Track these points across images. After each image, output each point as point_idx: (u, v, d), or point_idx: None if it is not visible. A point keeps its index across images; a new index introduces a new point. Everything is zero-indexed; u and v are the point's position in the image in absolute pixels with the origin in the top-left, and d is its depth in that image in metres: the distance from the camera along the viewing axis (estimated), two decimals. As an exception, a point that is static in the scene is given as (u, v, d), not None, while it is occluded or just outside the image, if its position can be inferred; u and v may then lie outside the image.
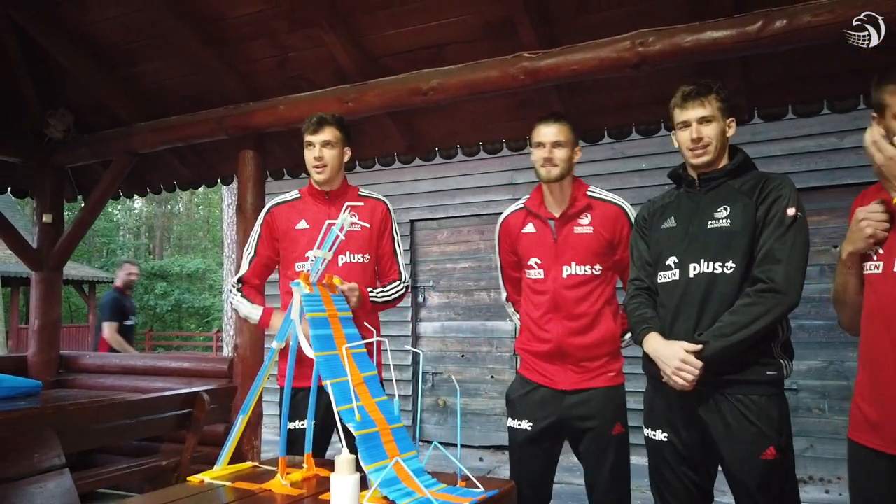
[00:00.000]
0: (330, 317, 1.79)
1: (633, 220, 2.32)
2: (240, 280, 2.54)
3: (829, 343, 5.40)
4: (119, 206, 29.14)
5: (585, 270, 2.28)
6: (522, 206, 2.46)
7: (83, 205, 4.97)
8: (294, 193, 2.51)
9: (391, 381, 1.74)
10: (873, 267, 1.63)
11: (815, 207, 5.04)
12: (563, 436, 2.33)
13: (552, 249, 2.32)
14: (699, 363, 1.84)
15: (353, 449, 1.54)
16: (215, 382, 4.05)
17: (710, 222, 1.96)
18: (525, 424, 2.33)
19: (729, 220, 1.93)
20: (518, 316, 2.52)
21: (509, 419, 2.40)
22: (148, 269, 24.08)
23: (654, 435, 2.03)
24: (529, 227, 2.40)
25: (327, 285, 1.87)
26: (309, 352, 1.71)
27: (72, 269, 17.55)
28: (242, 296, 2.49)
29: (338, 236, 1.78)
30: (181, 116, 4.17)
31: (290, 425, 2.00)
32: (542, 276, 2.33)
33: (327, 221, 1.83)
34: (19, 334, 15.62)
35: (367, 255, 2.42)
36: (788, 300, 1.82)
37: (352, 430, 1.60)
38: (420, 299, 7.41)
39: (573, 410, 2.27)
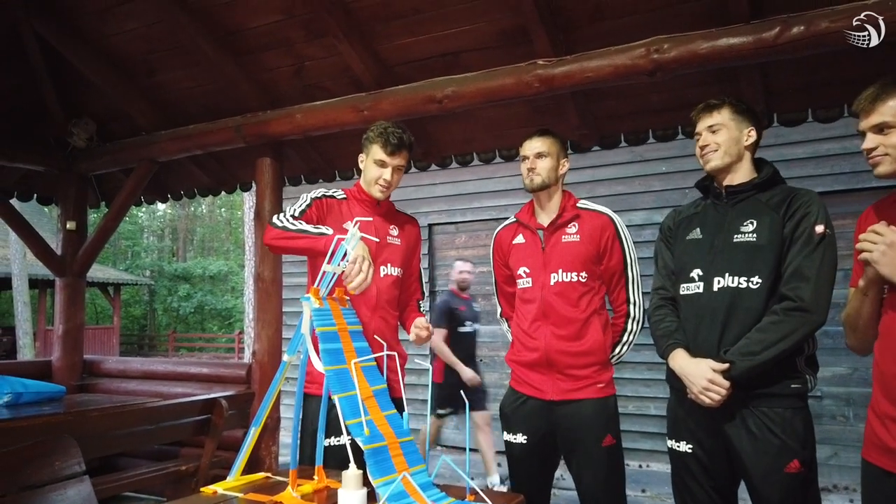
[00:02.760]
0: (340, 331, 1.80)
1: (619, 229, 2.36)
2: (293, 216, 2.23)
3: (854, 349, 5.30)
4: (143, 209, 29.60)
5: (572, 277, 2.30)
6: (514, 219, 2.51)
7: (106, 211, 5.05)
8: (340, 192, 2.41)
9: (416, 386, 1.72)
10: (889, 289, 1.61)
11: (838, 211, 4.94)
12: (557, 445, 2.33)
13: (540, 258, 2.35)
14: (727, 383, 1.82)
15: (360, 463, 1.55)
16: (234, 388, 4.10)
17: (735, 236, 1.94)
18: (521, 438, 2.35)
19: (755, 235, 1.91)
20: (512, 333, 2.54)
21: (505, 433, 2.41)
22: (171, 272, 24.41)
23: (679, 446, 2.02)
24: (519, 238, 2.45)
25: (337, 299, 1.89)
26: (319, 366, 1.72)
27: (97, 272, 17.87)
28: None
29: (346, 252, 1.80)
30: (200, 125, 4.23)
31: (327, 442, 1.98)
32: (530, 285, 2.36)
33: (336, 237, 1.84)
34: (46, 336, 15.91)
35: (401, 270, 2.43)
36: (816, 319, 1.80)
37: (360, 444, 1.61)
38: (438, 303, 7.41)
39: (562, 422, 2.27)
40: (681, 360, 1.94)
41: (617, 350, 2.35)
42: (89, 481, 2.79)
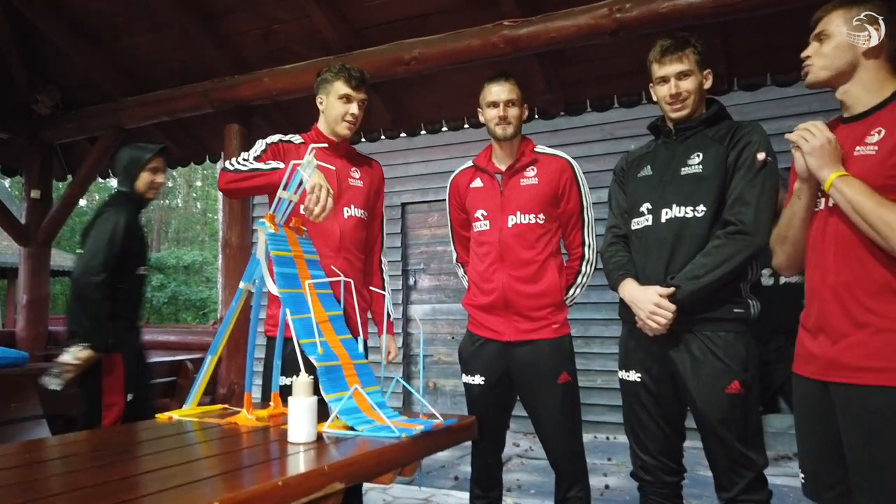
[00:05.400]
0: (295, 257, 1.82)
1: (577, 173, 2.39)
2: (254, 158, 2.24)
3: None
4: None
5: (530, 219, 2.32)
6: (471, 164, 2.51)
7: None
8: (297, 137, 2.39)
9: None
10: (817, 205, 1.66)
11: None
12: (514, 385, 2.37)
13: (498, 200, 2.37)
14: (672, 306, 1.87)
15: (311, 371, 1.56)
16: (201, 354, 4.07)
17: (683, 169, 2.00)
18: (478, 379, 2.38)
19: (701, 166, 1.96)
20: (468, 278, 2.56)
21: (463, 375, 2.45)
22: (145, 262, 24.06)
23: (629, 376, 2.06)
24: (477, 182, 2.46)
25: (294, 228, 1.90)
26: (273, 289, 1.73)
27: (68, 261, 17.51)
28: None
29: (302, 179, 1.80)
30: (167, 91, 4.19)
31: (287, 381, 1.94)
32: (487, 228, 2.38)
33: (292, 162, 1.85)
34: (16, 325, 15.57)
35: (365, 213, 2.42)
36: (757, 241, 1.86)
37: (314, 361, 1.62)
38: (411, 282, 7.44)
39: (519, 362, 2.31)
40: (630, 289, 1.99)
41: (571, 292, 2.39)
42: (47, 427, 2.79)
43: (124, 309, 2.81)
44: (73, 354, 2.65)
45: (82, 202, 22.85)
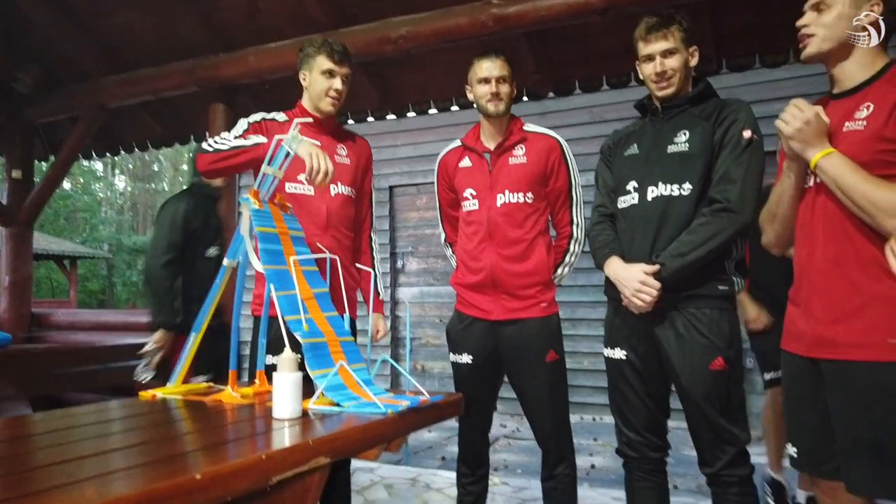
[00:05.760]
0: (280, 234, 1.80)
1: (565, 152, 2.38)
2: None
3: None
4: (101, 183, 28.82)
5: (518, 198, 2.31)
6: (459, 143, 2.49)
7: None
8: (281, 115, 2.34)
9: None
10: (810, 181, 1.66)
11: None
12: (502, 364, 2.38)
13: (487, 180, 2.35)
14: (657, 284, 1.87)
15: (296, 348, 1.55)
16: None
17: (669, 147, 1.99)
18: (466, 358, 2.38)
19: (688, 144, 1.95)
20: (456, 258, 2.56)
21: (451, 354, 2.44)
22: (130, 245, 23.86)
23: (614, 354, 2.07)
24: (466, 162, 2.44)
25: (279, 205, 1.87)
26: (258, 265, 1.71)
27: (52, 244, 17.37)
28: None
29: (288, 154, 1.78)
30: (150, 69, 4.13)
31: (273, 360, 1.87)
32: (476, 207, 2.37)
33: (276, 136, 1.82)
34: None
35: (353, 190, 2.40)
36: (742, 218, 1.86)
37: (299, 338, 1.61)
38: (399, 265, 7.43)
39: (507, 341, 2.31)
40: (615, 266, 1.99)
41: (559, 271, 2.39)
42: (30, 406, 2.76)
43: (198, 290, 2.85)
44: (152, 340, 2.93)
45: (66, 184, 22.55)
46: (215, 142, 2.13)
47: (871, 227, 1.49)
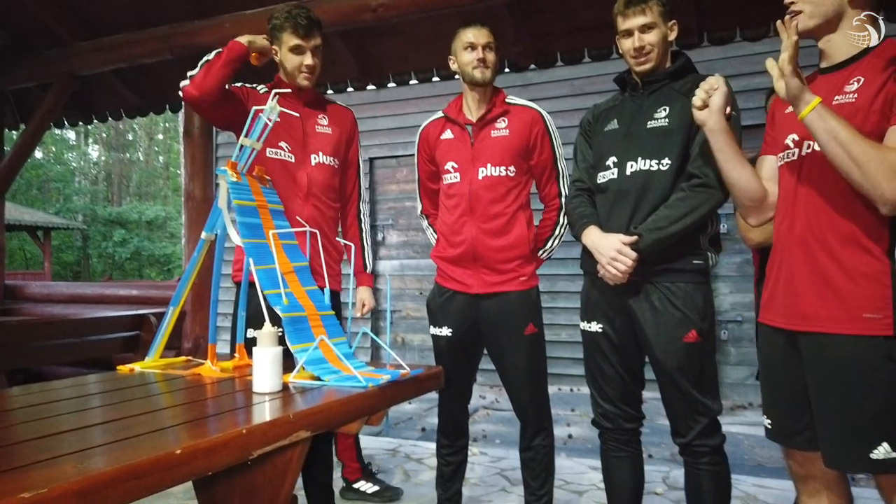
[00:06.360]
0: (259, 206, 1.78)
1: (548, 125, 2.37)
2: None
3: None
4: (74, 153, 28.22)
5: (500, 172, 2.31)
6: (441, 114, 2.47)
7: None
8: (262, 87, 2.32)
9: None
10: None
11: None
12: (481, 337, 2.40)
13: (469, 153, 2.34)
14: (633, 254, 1.89)
15: (276, 322, 1.55)
16: (164, 308, 4.02)
17: (649, 122, 2.00)
18: (446, 331, 2.40)
19: (667, 120, 1.97)
20: (432, 230, 2.55)
21: (431, 327, 2.46)
22: (105, 216, 23.46)
23: (590, 327, 2.10)
24: (447, 134, 2.42)
25: (257, 177, 1.85)
26: (236, 239, 1.70)
27: (25, 214, 17.04)
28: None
29: (266, 125, 1.75)
30: (125, 35, 4.02)
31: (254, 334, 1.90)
32: (458, 180, 2.36)
33: (254, 108, 1.80)
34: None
35: (336, 160, 2.37)
36: (719, 194, 1.88)
37: (279, 312, 1.61)
38: (379, 238, 7.41)
39: (487, 314, 2.33)
40: (593, 235, 2.01)
41: (549, 244, 2.39)
42: (5, 379, 2.74)
43: None
44: None
45: (38, 153, 22.08)
46: (190, 73, 2.15)
47: (852, 202, 1.51)
